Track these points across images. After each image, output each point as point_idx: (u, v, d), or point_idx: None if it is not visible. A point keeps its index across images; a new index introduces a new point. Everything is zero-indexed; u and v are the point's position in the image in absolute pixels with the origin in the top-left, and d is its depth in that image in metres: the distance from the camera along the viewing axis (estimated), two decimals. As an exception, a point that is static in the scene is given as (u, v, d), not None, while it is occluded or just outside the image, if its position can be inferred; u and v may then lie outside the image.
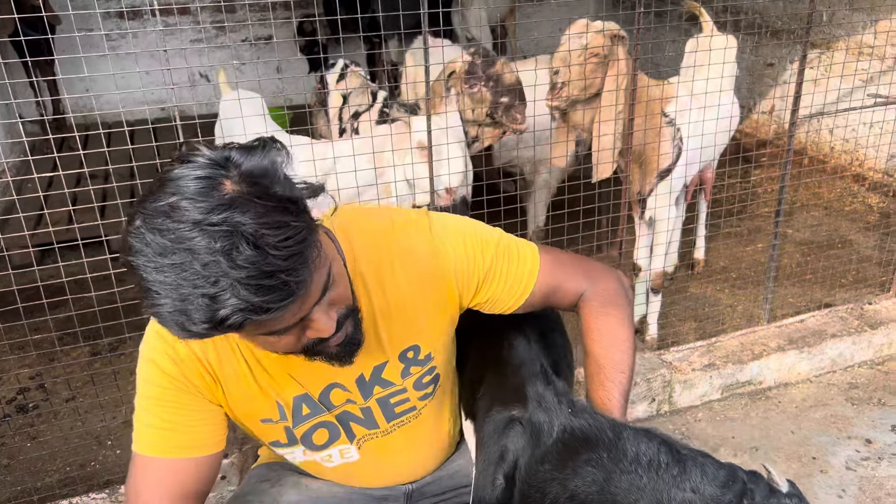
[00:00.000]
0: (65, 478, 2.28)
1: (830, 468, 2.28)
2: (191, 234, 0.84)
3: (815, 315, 2.83)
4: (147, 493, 1.14)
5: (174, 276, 0.84)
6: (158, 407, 1.15)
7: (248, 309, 0.85)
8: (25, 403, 2.70)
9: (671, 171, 2.46)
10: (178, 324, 0.87)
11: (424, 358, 1.27)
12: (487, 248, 1.23)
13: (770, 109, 5.02)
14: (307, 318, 0.97)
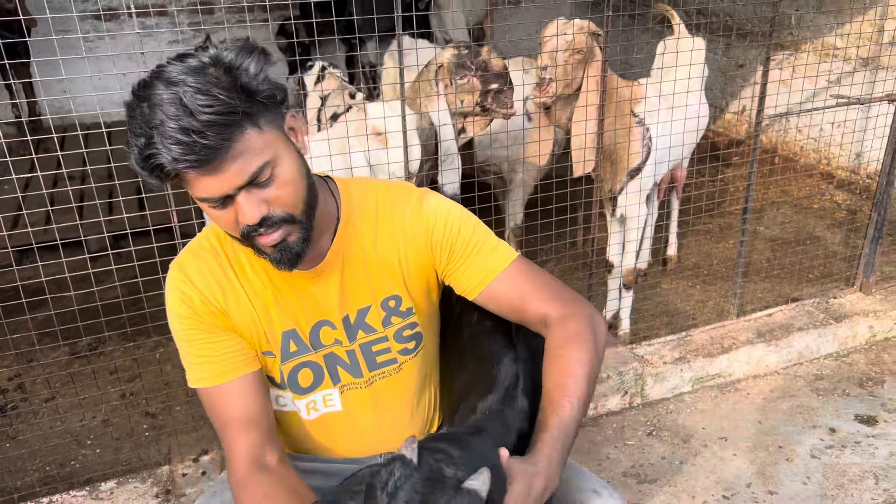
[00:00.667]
0: (45, 476, 2.29)
1: (796, 456, 2.35)
2: (159, 89, 1.02)
3: (783, 309, 2.91)
4: (222, 423, 1.25)
5: (137, 118, 1.03)
6: (192, 346, 1.25)
7: (168, 157, 1.01)
8: (4, 404, 2.70)
9: (641, 169, 2.52)
10: (133, 158, 1.05)
11: (406, 311, 1.33)
12: (466, 225, 1.31)
13: (741, 110, 5.12)
14: (232, 198, 1.09)
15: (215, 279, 1.26)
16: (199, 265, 1.27)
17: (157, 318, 2.39)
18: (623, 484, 2.26)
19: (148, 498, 2.05)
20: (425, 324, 1.39)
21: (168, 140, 1.00)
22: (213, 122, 1.01)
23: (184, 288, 1.25)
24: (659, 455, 2.38)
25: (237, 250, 1.28)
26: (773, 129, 4.88)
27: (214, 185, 1.06)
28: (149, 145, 1.01)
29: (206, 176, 1.04)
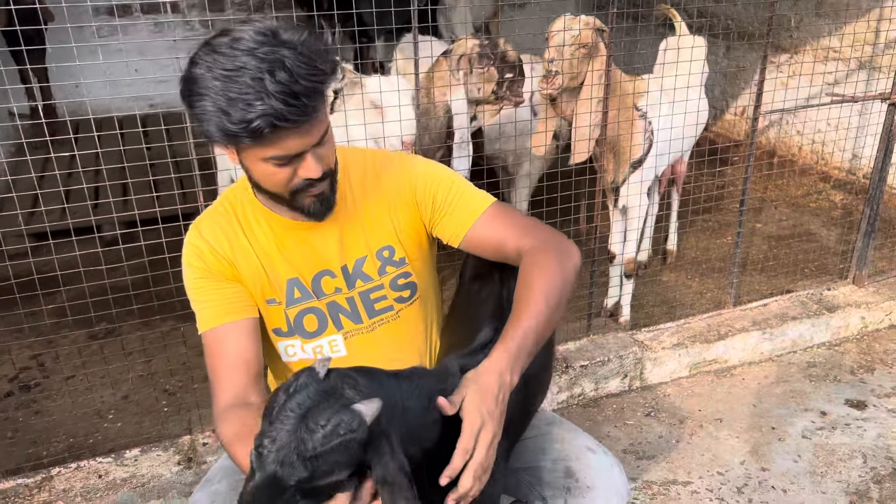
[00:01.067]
0: (69, 447, 2.39)
1: (788, 437, 2.46)
2: (244, 58, 1.14)
3: (778, 300, 3.01)
4: (216, 361, 1.38)
5: (225, 84, 1.14)
6: (200, 292, 1.41)
7: (273, 115, 1.13)
8: (27, 382, 2.80)
9: (643, 161, 2.63)
10: (217, 123, 1.15)
11: (399, 260, 1.48)
12: (445, 179, 1.48)
13: (741, 111, 5.23)
14: (304, 155, 1.24)
15: (224, 234, 1.42)
16: (211, 224, 1.43)
17: (166, 299, 2.51)
18: (622, 460, 2.36)
19: (170, 465, 2.15)
20: (419, 274, 1.51)
21: (276, 102, 1.13)
22: (314, 89, 1.17)
23: (197, 242, 1.42)
24: (657, 434, 2.48)
25: (246, 211, 1.44)
26: (773, 130, 4.99)
27: (299, 142, 1.21)
28: (249, 107, 1.13)
29: (296, 134, 1.19)
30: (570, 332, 2.76)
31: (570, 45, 2.28)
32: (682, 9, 3.27)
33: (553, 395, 2.55)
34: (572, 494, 1.46)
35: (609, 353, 2.63)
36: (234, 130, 1.15)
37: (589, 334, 2.73)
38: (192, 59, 1.19)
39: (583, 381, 2.60)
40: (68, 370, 2.85)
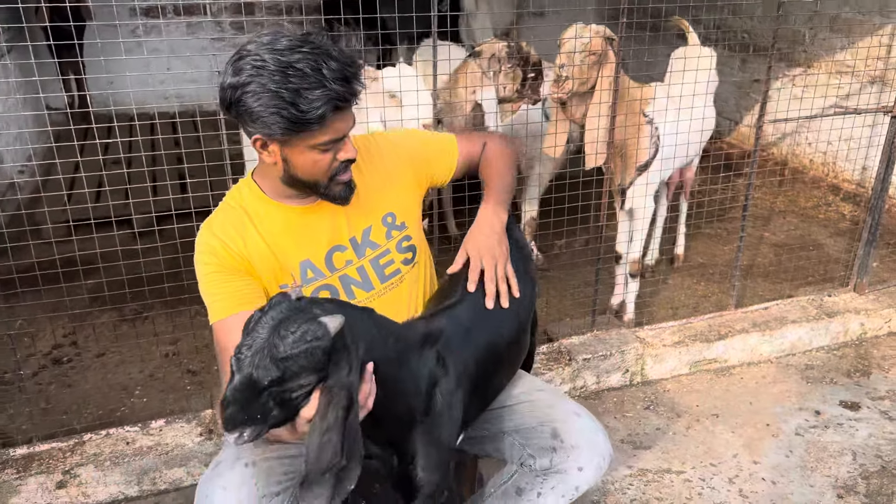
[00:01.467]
0: (98, 418, 2.54)
1: (781, 433, 2.55)
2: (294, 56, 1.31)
3: (779, 304, 3.11)
4: (225, 349, 1.49)
5: (281, 80, 1.31)
6: (212, 286, 1.53)
7: (336, 98, 1.33)
8: (61, 357, 2.97)
9: (649, 165, 2.74)
10: (282, 117, 1.33)
11: (400, 224, 1.67)
12: (421, 136, 1.82)
13: (755, 123, 5.31)
14: (344, 140, 1.44)
15: (236, 230, 1.54)
16: (222, 220, 1.56)
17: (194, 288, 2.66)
18: (619, 448, 2.47)
19: (193, 436, 2.29)
20: (417, 239, 1.71)
21: (336, 85, 1.33)
22: (355, 74, 1.37)
23: (209, 240, 1.53)
24: (654, 426, 2.59)
25: (254, 206, 1.57)
26: (785, 142, 5.07)
27: (345, 125, 1.42)
28: (312, 93, 1.32)
29: (343, 118, 1.40)
30: (575, 327, 2.88)
31: (580, 52, 2.40)
32: (700, 22, 3.39)
33: (556, 385, 2.67)
34: (557, 453, 1.58)
35: (611, 348, 2.74)
36: (302, 118, 1.33)
37: (593, 329, 2.85)
38: (230, 70, 1.35)
39: (585, 373, 2.72)
40: (99, 348, 3.02)
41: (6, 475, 2.14)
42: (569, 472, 1.59)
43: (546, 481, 1.62)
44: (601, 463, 1.62)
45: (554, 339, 2.83)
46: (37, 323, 3.08)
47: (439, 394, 1.38)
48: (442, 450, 1.41)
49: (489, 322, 1.54)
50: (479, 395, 1.55)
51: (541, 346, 2.78)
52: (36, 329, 3.07)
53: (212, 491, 1.44)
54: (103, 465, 2.20)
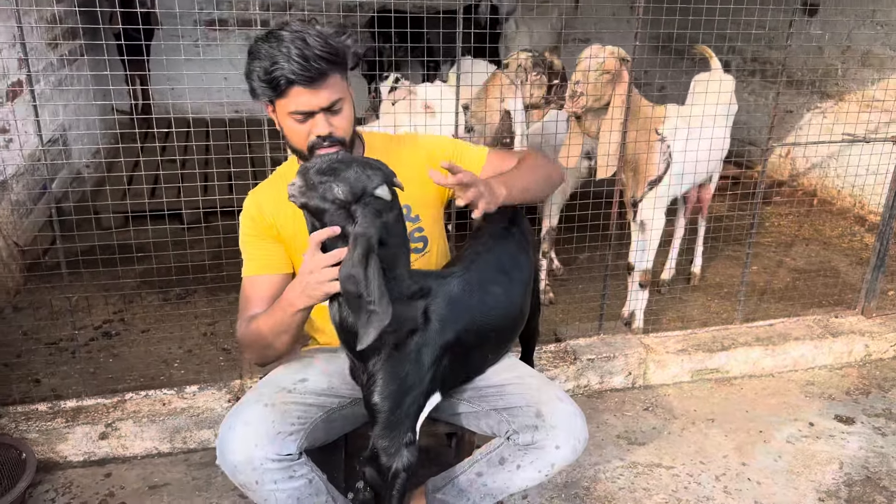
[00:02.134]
0: (139, 385, 2.80)
1: (773, 440, 2.67)
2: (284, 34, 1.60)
3: (784, 321, 3.22)
4: (248, 298, 1.82)
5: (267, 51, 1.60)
6: (246, 245, 1.84)
7: (288, 72, 1.58)
8: (109, 331, 3.26)
9: (660, 180, 2.91)
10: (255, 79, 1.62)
11: (414, 217, 1.88)
12: (449, 142, 2.00)
13: (787, 153, 5.41)
14: (314, 115, 1.66)
15: (273, 199, 1.83)
16: (265, 190, 1.87)
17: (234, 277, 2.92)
18: (615, 444, 2.62)
19: (222, 402, 2.53)
20: (430, 230, 1.92)
21: (293, 62, 1.57)
22: (322, 57, 1.59)
23: (249, 206, 1.85)
24: (650, 425, 2.73)
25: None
26: (814, 173, 5.16)
27: (310, 100, 1.64)
28: (275, 65, 1.58)
29: (308, 91, 1.62)
30: (582, 330, 3.04)
31: (594, 71, 2.60)
32: (738, 52, 3.54)
33: (560, 382, 2.84)
34: (539, 431, 1.76)
35: (615, 351, 2.90)
36: (263, 84, 1.61)
37: (600, 334, 3.01)
38: (254, 40, 1.66)
39: (589, 373, 2.88)
40: (144, 325, 3.30)
41: (56, 423, 2.41)
42: (547, 448, 1.77)
43: (526, 455, 1.79)
44: (576, 445, 1.78)
45: (562, 339, 3.00)
46: (91, 299, 3.39)
47: (413, 341, 1.59)
48: (401, 386, 1.59)
49: (477, 299, 1.71)
50: (458, 364, 1.73)
51: (548, 346, 2.95)
52: (90, 304, 3.37)
53: (235, 423, 1.66)
54: (141, 422, 2.45)
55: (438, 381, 1.68)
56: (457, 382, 1.83)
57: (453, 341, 1.66)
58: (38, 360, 2.98)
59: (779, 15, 5.17)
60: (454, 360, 1.69)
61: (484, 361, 1.86)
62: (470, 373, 1.85)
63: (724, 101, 3.21)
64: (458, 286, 1.68)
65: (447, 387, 1.77)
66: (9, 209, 3.62)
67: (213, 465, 2.43)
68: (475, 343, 1.75)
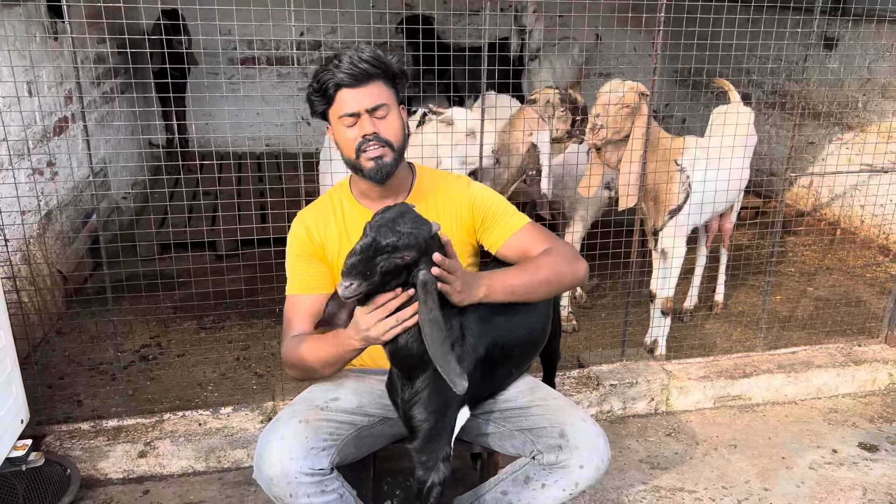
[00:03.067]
0: (175, 407, 2.91)
1: (795, 466, 2.69)
2: (339, 54, 1.79)
3: (807, 349, 3.25)
4: (290, 314, 1.93)
5: (322, 68, 1.79)
6: (292, 265, 1.95)
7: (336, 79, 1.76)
8: (147, 355, 3.38)
9: (680, 209, 2.99)
10: (309, 94, 1.82)
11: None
12: (497, 201, 2.01)
13: (809, 184, 5.45)
14: (360, 116, 1.79)
15: (322, 221, 1.95)
16: (313, 212, 1.98)
17: (267, 304, 3.05)
18: (637, 468, 2.66)
19: (255, 422, 2.62)
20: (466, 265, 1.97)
21: (341, 69, 1.74)
22: (366, 60, 1.75)
23: (298, 227, 1.94)
24: (673, 451, 2.77)
25: (343, 203, 1.96)
26: (837, 203, 5.18)
27: (354, 101, 1.77)
28: (325, 72, 1.77)
29: (353, 92, 1.76)
30: (605, 356, 3.10)
31: (614, 105, 2.71)
32: (758, 85, 3.63)
33: (583, 407, 2.89)
34: (563, 451, 1.83)
35: (638, 377, 2.95)
36: (315, 94, 1.79)
37: (622, 360, 3.06)
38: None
39: (612, 399, 2.93)
40: (180, 350, 3.42)
41: (98, 441, 2.52)
42: (571, 468, 1.83)
43: (551, 474, 1.85)
44: (600, 464, 1.84)
45: (585, 365, 3.06)
46: (130, 324, 3.52)
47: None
48: (443, 402, 1.69)
49: (503, 320, 1.80)
50: (485, 377, 1.81)
51: (571, 372, 3.01)
52: (131, 329, 3.51)
53: (272, 438, 1.75)
54: (178, 441, 2.55)
55: (469, 394, 1.76)
56: (483, 397, 1.91)
57: (483, 356, 1.75)
58: (80, 381, 3.10)
59: (797, 49, 5.26)
60: (482, 376, 1.78)
61: (508, 377, 1.95)
62: (495, 388, 1.93)
63: (742, 132, 3.28)
64: (486, 305, 1.77)
65: (474, 402, 1.86)
66: (53, 238, 3.78)
67: (246, 484, 2.53)
68: (501, 359, 1.83)
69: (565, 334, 3.61)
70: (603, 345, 3.44)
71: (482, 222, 1.98)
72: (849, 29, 5.05)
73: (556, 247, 1.92)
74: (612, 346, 3.35)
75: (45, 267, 3.61)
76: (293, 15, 2.57)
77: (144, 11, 5.14)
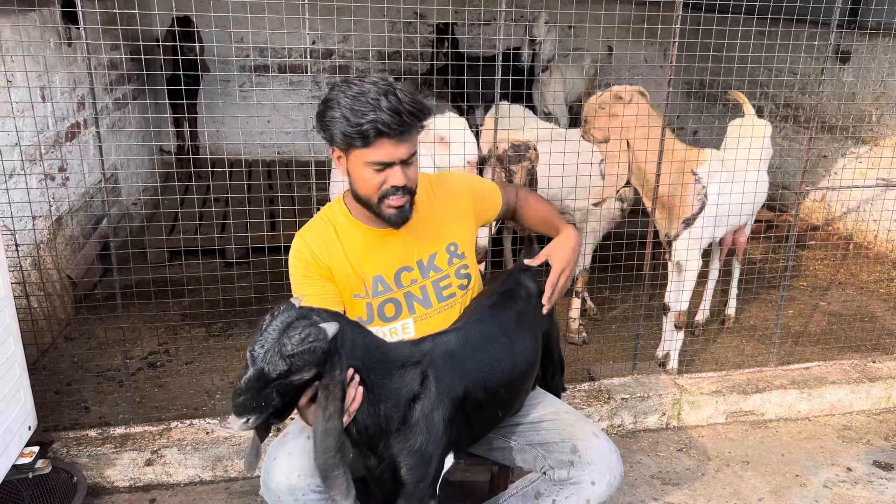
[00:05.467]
0: (183, 415, 2.90)
1: (810, 484, 2.65)
2: (368, 86, 1.65)
3: (820, 365, 3.21)
4: None
5: (352, 101, 1.64)
6: (299, 286, 1.84)
7: (380, 123, 1.62)
8: (155, 362, 3.37)
9: (694, 220, 2.96)
10: (340, 128, 1.65)
11: (461, 254, 1.93)
12: (481, 181, 2.17)
13: (822, 198, 5.41)
14: (393, 165, 1.70)
15: (323, 242, 1.87)
16: (312, 232, 1.89)
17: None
18: (649, 483, 2.63)
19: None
20: (472, 269, 1.96)
21: (385, 114, 1.62)
22: (412, 113, 1.65)
23: (301, 247, 1.85)
24: (685, 466, 2.73)
25: (341, 223, 1.89)
26: (849, 218, 5.14)
27: (393, 152, 1.68)
28: (365, 116, 1.62)
29: (391, 144, 1.66)
30: (616, 370, 3.07)
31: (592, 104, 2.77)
32: (771, 98, 3.61)
33: (594, 421, 2.86)
34: (574, 467, 1.80)
35: (649, 391, 2.91)
36: (350, 132, 1.63)
37: (634, 373, 3.03)
38: (331, 88, 1.71)
39: (622, 412, 2.89)
40: (188, 357, 3.40)
41: (105, 449, 2.50)
42: (583, 484, 1.80)
43: (562, 491, 1.82)
44: (612, 481, 1.81)
45: (595, 378, 3.03)
46: (138, 331, 3.51)
47: (418, 408, 1.57)
48: (422, 459, 1.58)
49: (481, 353, 1.73)
50: (469, 420, 1.70)
51: (582, 385, 2.98)
52: (137, 336, 3.50)
53: (279, 454, 1.73)
54: (185, 450, 2.53)
55: (454, 441, 1.67)
56: (470, 442, 1.82)
57: (462, 396, 1.65)
58: (88, 388, 3.09)
59: (811, 62, 5.24)
60: (466, 419, 1.69)
61: (495, 419, 1.85)
62: (480, 432, 1.84)
63: (757, 145, 3.25)
64: (456, 340, 1.70)
65: (462, 447, 1.77)
66: (63, 244, 3.79)
67: (253, 495, 2.51)
68: (485, 399, 1.73)
69: (575, 346, 3.58)
70: (614, 358, 3.41)
71: (481, 203, 2.05)
72: (864, 42, 5.02)
73: (517, 188, 2.21)
74: (624, 359, 3.32)
75: (55, 272, 3.60)
76: (306, 23, 2.57)
77: (158, 18, 5.16)
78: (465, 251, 1.96)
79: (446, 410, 1.61)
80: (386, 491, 1.62)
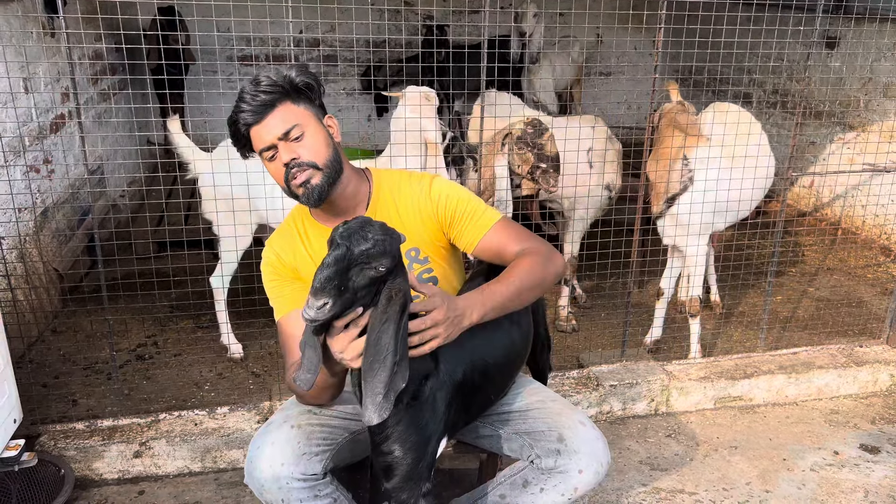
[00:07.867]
0: (171, 406, 2.89)
1: (796, 468, 2.67)
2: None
3: (808, 350, 3.22)
4: (284, 339, 1.82)
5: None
6: (272, 290, 1.86)
7: (239, 117, 1.68)
8: (143, 354, 3.36)
9: (676, 199, 2.96)
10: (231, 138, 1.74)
11: (423, 259, 1.89)
12: (463, 199, 1.87)
13: (810, 184, 5.43)
14: (276, 147, 1.70)
15: (289, 246, 1.88)
16: (278, 238, 1.90)
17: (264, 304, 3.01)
18: (638, 469, 2.64)
19: (252, 423, 2.60)
20: (439, 270, 1.92)
21: (242, 105, 1.66)
22: (265, 90, 1.65)
23: (268, 253, 1.87)
24: (673, 452, 2.75)
25: (305, 225, 1.88)
26: (838, 203, 5.16)
27: (265, 133, 1.68)
28: (231, 118, 1.69)
29: (259, 126, 1.67)
30: (605, 357, 3.08)
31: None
32: (760, 85, 3.61)
33: (583, 408, 2.87)
34: (561, 455, 1.80)
35: (638, 377, 2.92)
36: (233, 141, 1.73)
37: (622, 360, 3.04)
38: None
39: (611, 399, 2.90)
40: (176, 349, 3.39)
41: (93, 441, 2.49)
42: (570, 472, 1.80)
43: (549, 479, 1.82)
44: (599, 469, 1.81)
45: (584, 365, 3.03)
46: (126, 323, 3.50)
47: (428, 386, 1.58)
48: (422, 436, 1.58)
49: (482, 340, 1.71)
50: (465, 403, 1.71)
51: (571, 372, 2.99)
52: (125, 328, 3.48)
53: (263, 443, 1.73)
54: (174, 441, 2.53)
55: (449, 424, 1.68)
56: (462, 425, 1.83)
57: (461, 381, 1.66)
58: (76, 381, 3.08)
59: (799, 48, 5.24)
60: (461, 402, 1.70)
61: (488, 402, 1.86)
62: (475, 414, 1.85)
63: (744, 131, 3.24)
64: None
65: (455, 431, 1.78)
66: (49, 236, 3.76)
67: (242, 485, 2.50)
68: (480, 382, 1.73)
69: (564, 334, 3.59)
70: (602, 344, 3.42)
71: (451, 224, 1.87)
72: (851, 28, 5.02)
73: (531, 246, 1.81)
74: (612, 346, 3.33)
75: (41, 265, 3.58)
76: (291, 12, 2.54)
77: (141, 8, 5.11)
78: (431, 255, 1.90)
79: (450, 393, 1.63)
80: (383, 466, 1.61)
